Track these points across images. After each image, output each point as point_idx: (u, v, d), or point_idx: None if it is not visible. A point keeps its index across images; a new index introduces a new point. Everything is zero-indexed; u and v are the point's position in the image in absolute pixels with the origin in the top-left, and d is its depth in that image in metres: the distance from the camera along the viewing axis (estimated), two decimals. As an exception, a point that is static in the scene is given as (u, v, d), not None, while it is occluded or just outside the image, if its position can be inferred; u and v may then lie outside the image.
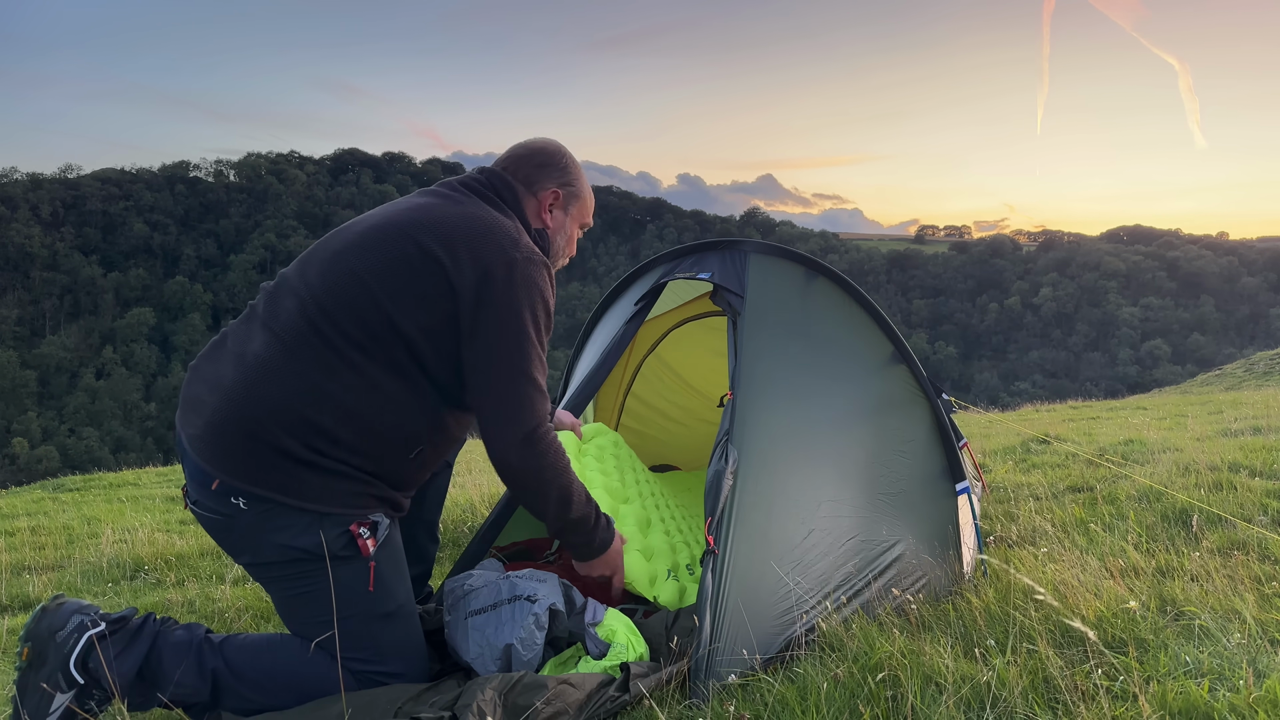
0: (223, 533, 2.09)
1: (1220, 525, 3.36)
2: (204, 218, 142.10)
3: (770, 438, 2.61)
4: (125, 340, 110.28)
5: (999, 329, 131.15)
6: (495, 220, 2.21)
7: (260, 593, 3.46)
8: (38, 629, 2.01)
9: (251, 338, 2.13)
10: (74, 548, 4.81)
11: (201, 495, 2.07)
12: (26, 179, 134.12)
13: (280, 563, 2.07)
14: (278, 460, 2.02)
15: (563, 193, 2.45)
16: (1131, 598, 2.42)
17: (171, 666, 2.05)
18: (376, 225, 2.19)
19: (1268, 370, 20.12)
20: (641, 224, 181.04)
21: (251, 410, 2.03)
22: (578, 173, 2.49)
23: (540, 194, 2.41)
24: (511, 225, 2.24)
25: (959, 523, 2.98)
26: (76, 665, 1.97)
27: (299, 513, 2.04)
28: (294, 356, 2.06)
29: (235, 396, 2.05)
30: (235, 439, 2.03)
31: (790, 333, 2.92)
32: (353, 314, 2.07)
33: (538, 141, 2.49)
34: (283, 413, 2.03)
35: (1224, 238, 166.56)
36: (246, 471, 2.02)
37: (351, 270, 2.11)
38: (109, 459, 47.42)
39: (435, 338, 2.12)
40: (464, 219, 2.18)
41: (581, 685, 2.01)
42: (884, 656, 2.11)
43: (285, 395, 2.03)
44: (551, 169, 2.43)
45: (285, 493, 2.03)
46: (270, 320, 2.13)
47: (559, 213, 2.46)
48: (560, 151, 2.48)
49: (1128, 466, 4.91)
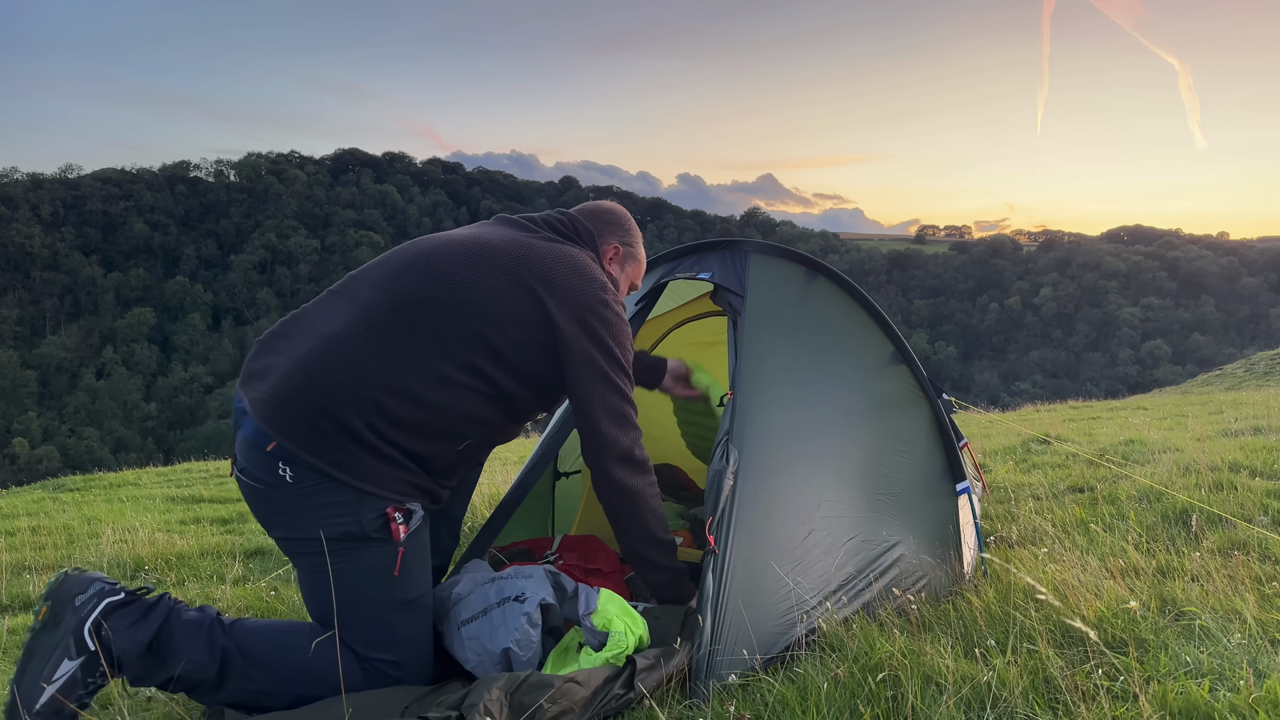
0: (263, 503, 2.18)
1: (1220, 525, 3.36)
2: (204, 218, 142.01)
3: (771, 438, 2.61)
4: (125, 340, 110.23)
5: (999, 329, 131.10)
6: (585, 260, 2.43)
7: (260, 593, 3.46)
8: (59, 590, 2.09)
9: (332, 318, 2.24)
10: (74, 548, 4.81)
11: (250, 462, 2.16)
12: (27, 179, 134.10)
13: (312, 538, 2.13)
14: (338, 435, 2.11)
15: (623, 250, 2.66)
16: (1132, 598, 2.42)
17: (183, 642, 2.09)
18: (476, 243, 2.33)
19: (1268, 370, 20.12)
20: (642, 224, 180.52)
21: (324, 381, 2.13)
22: (637, 237, 2.73)
23: (603, 247, 2.60)
24: (596, 263, 2.48)
25: (959, 523, 2.98)
26: (91, 630, 2.02)
27: (343, 488, 2.11)
28: (376, 340, 2.17)
29: (310, 367, 2.15)
30: (302, 406, 2.12)
31: (791, 333, 2.92)
32: (447, 316, 2.21)
33: (607, 203, 2.74)
34: (353, 388, 2.12)
35: (1224, 238, 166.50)
36: (305, 440, 2.10)
37: (451, 278, 2.24)
38: (109, 459, 47.48)
39: (523, 356, 2.29)
40: (560, 256, 2.38)
41: (587, 682, 2.01)
42: (884, 657, 2.11)
43: (359, 373, 2.13)
44: (617, 228, 2.66)
45: (337, 467, 2.11)
46: (353, 305, 2.25)
47: (615, 267, 2.66)
48: (626, 216, 2.73)
49: (1128, 467, 4.91)
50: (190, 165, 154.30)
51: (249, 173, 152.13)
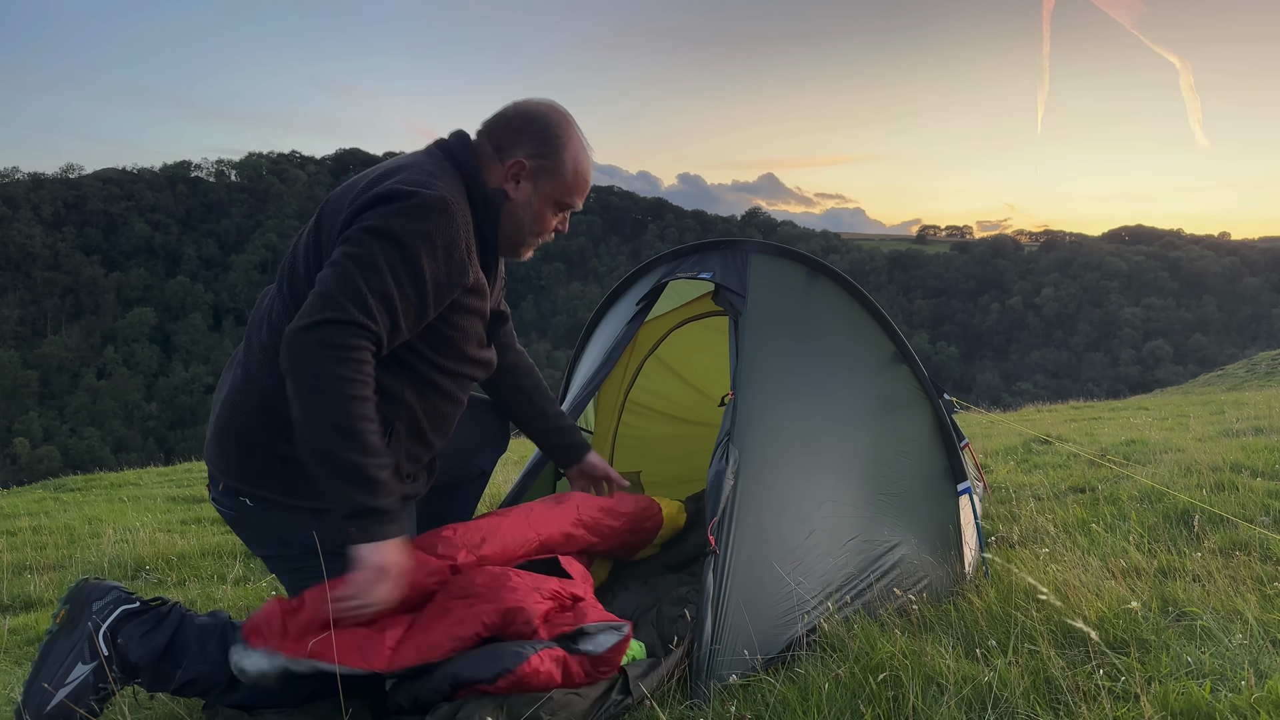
0: (237, 526, 2.21)
1: (1222, 526, 3.36)
2: (205, 218, 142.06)
3: (772, 438, 2.61)
4: (126, 340, 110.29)
5: (1001, 329, 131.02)
6: (404, 166, 2.05)
7: (261, 593, 3.47)
8: (78, 594, 2.14)
9: (241, 344, 2.24)
10: (75, 547, 4.82)
11: (215, 493, 2.20)
12: (28, 179, 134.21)
13: (286, 555, 2.14)
14: (267, 460, 2.09)
15: (530, 164, 2.18)
16: (1133, 598, 2.41)
17: (197, 647, 2.11)
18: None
19: (1270, 370, 20.10)
20: (642, 224, 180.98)
21: (237, 413, 2.13)
22: (560, 145, 2.19)
23: (507, 161, 2.17)
24: (431, 172, 2.04)
25: (960, 523, 2.97)
26: (105, 636, 2.05)
27: (296, 510, 2.09)
28: (268, 358, 2.09)
29: (227, 401, 2.16)
30: (229, 442, 2.13)
31: (792, 333, 2.92)
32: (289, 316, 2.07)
33: (530, 104, 2.23)
34: (262, 414, 2.09)
35: (1226, 238, 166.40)
36: (242, 472, 2.11)
37: (291, 265, 2.15)
38: (110, 459, 47.44)
39: None
40: (371, 174, 2.08)
41: (586, 694, 1.99)
42: (885, 657, 2.10)
43: (262, 397, 2.09)
44: (526, 135, 2.18)
45: (280, 491, 2.10)
46: (249, 326, 2.23)
47: (525, 184, 2.20)
48: (546, 120, 2.20)
49: (1129, 467, 4.91)
50: (191, 165, 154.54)
51: (250, 173, 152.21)
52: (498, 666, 1.80)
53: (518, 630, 1.95)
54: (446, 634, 1.91)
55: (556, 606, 2.05)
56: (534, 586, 2.04)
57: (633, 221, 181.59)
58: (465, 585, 2.03)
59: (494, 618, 1.94)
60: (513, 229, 2.23)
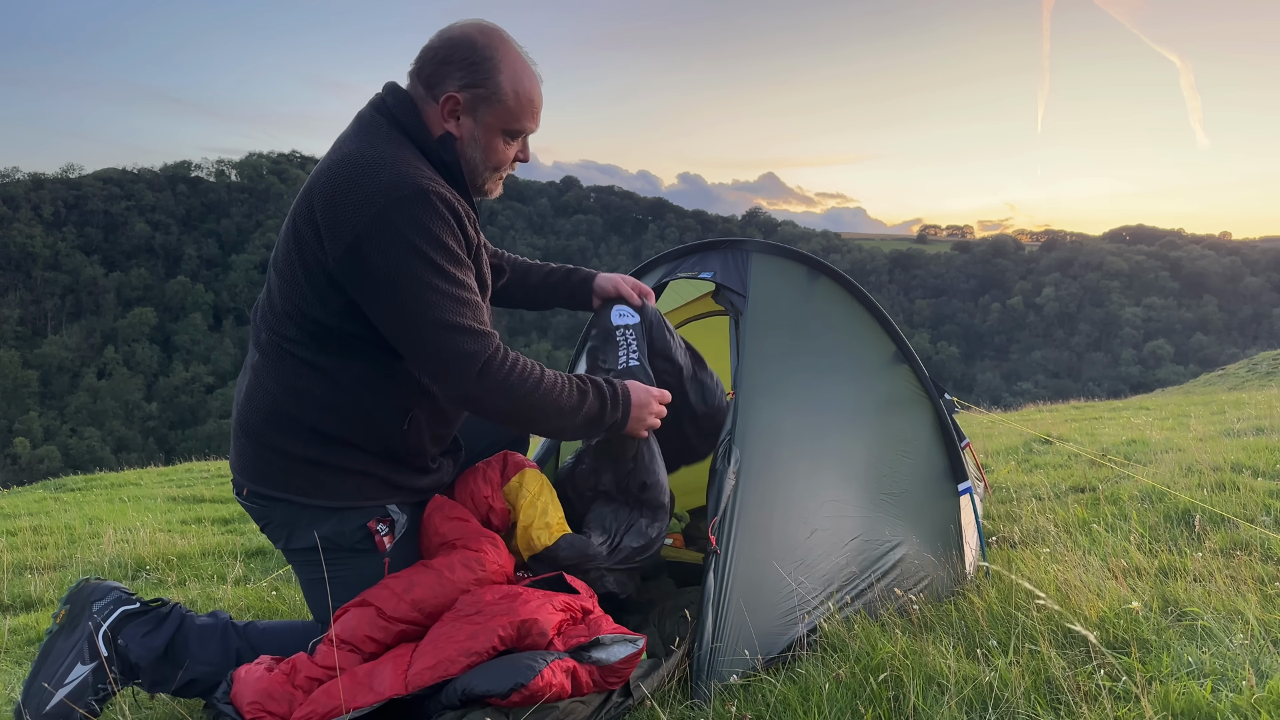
0: (263, 522, 2.23)
1: (1223, 526, 3.35)
2: (205, 217, 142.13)
3: (772, 438, 2.60)
4: (127, 340, 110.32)
5: (1001, 329, 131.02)
6: (363, 163, 1.93)
7: (262, 593, 3.47)
8: (78, 594, 2.15)
9: (250, 345, 2.26)
10: (76, 547, 4.81)
11: (240, 494, 2.24)
12: (28, 179, 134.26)
13: (306, 549, 2.16)
14: (286, 463, 2.12)
15: (464, 96, 2.01)
16: (1134, 598, 2.41)
17: (198, 646, 2.13)
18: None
19: (1271, 370, 20.09)
20: (643, 224, 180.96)
21: (251, 418, 2.15)
22: (492, 69, 2.01)
23: (440, 98, 2.02)
24: (386, 158, 1.94)
25: (961, 523, 2.97)
26: (105, 636, 2.06)
27: (317, 510, 2.13)
28: (269, 361, 2.13)
29: (241, 407, 2.19)
30: (246, 446, 2.17)
31: (792, 333, 2.91)
32: (278, 315, 2.10)
33: (454, 29, 2.04)
34: (274, 416, 2.11)
35: (1227, 238, 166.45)
36: (263, 476, 2.15)
37: (274, 265, 2.15)
38: (110, 459, 47.52)
39: (348, 318, 2.02)
40: (329, 172, 1.96)
41: (589, 700, 1.98)
42: (886, 657, 2.10)
43: (272, 400, 2.11)
44: (454, 66, 2.00)
45: (300, 493, 2.12)
46: (252, 327, 2.25)
47: (466, 119, 2.04)
48: (471, 43, 2.01)
49: (1130, 467, 4.91)
50: (191, 165, 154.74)
51: (250, 172, 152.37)
52: (511, 681, 1.78)
53: (533, 642, 1.93)
54: (461, 649, 1.89)
55: (569, 619, 2.03)
56: (546, 599, 2.03)
57: (633, 221, 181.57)
58: (475, 602, 2.02)
59: (509, 630, 1.92)
60: (468, 169, 2.09)
